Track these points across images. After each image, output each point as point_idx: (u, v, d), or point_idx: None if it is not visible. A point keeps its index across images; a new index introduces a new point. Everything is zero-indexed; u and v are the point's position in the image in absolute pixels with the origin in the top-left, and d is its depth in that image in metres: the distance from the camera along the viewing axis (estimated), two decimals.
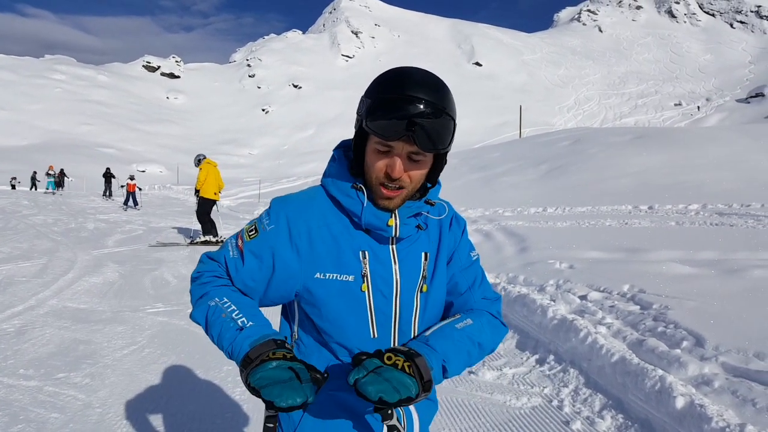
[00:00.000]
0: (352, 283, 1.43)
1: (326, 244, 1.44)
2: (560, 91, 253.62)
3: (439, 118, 1.31)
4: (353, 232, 1.47)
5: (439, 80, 1.39)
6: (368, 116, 1.34)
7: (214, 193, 12.76)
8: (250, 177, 70.73)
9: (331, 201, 1.50)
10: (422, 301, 1.52)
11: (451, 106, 1.36)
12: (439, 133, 1.33)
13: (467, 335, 1.48)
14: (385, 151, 1.36)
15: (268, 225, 1.47)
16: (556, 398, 4.10)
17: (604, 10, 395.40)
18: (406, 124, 1.28)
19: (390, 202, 1.42)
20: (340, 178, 1.48)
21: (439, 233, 1.60)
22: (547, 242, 8.99)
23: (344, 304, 1.43)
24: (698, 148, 19.56)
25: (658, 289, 5.62)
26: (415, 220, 1.49)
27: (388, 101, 1.31)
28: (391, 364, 1.28)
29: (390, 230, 1.44)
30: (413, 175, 1.40)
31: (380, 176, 1.39)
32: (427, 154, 1.39)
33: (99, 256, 10.34)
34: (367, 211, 1.43)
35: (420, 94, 1.30)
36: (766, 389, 3.37)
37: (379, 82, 1.38)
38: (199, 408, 3.96)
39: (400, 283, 1.48)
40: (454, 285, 1.61)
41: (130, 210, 23.51)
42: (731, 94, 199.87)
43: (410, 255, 1.51)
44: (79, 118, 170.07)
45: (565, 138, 29.53)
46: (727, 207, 11.65)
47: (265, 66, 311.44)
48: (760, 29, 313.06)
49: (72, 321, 6.00)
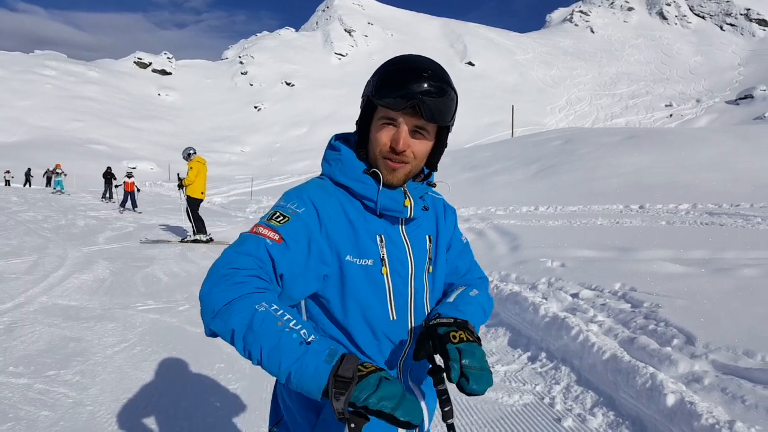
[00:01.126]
0: (372, 267, 1.45)
1: (345, 229, 1.45)
2: (552, 91, 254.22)
3: (442, 93, 1.38)
4: (368, 216, 1.49)
5: (441, 66, 1.45)
6: (376, 91, 1.40)
7: (201, 192, 12.73)
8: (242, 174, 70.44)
9: (340, 188, 1.51)
10: (430, 281, 1.59)
11: (452, 84, 1.43)
12: (442, 108, 1.39)
13: (478, 302, 1.60)
14: (391, 124, 1.41)
15: (297, 209, 1.41)
16: (547, 395, 4.11)
17: (596, 11, 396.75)
18: (413, 96, 1.35)
19: (394, 175, 1.45)
20: (349, 165, 1.50)
21: (436, 219, 1.68)
22: (539, 241, 9.02)
23: (366, 287, 1.45)
24: (689, 149, 19.70)
25: (649, 287, 5.65)
26: (421, 201, 1.55)
27: (397, 75, 1.39)
28: (457, 342, 1.32)
29: (406, 211, 1.49)
30: (417, 151, 1.44)
31: (385, 149, 1.43)
32: (431, 130, 1.45)
33: (89, 253, 10.28)
34: (382, 195, 1.46)
35: (425, 68, 1.39)
36: (755, 386, 3.40)
37: (388, 62, 1.45)
38: (191, 405, 3.95)
39: (414, 264, 1.53)
40: (455, 268, 1.73)
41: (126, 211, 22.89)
42: (721, 96, 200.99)
43: (418, 237, 1.57)
44: (70, 115, 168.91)
45: (557, 138, 29.65)
46: (717, 207, 11.74)
47: (258, 63, 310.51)
48: (749, 32, 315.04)
49: (62, 318, 5.97)
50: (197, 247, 11.70)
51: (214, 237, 12.72)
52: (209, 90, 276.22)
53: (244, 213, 21.88)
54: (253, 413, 3.86)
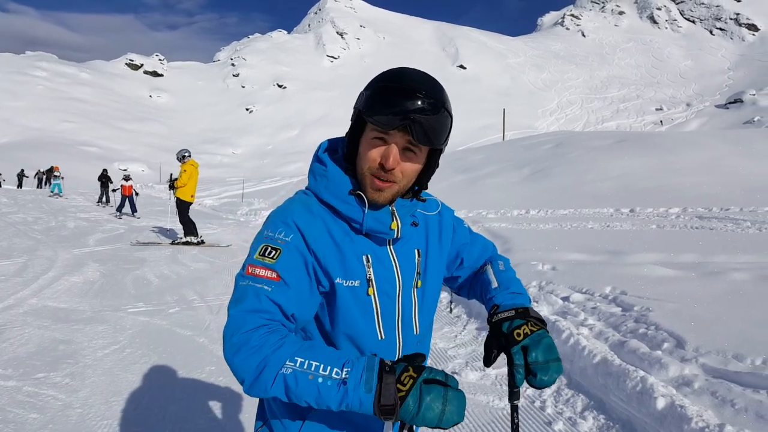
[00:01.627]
0: (358, 288, 1.42)
1: (331, 251, 1.41)
2: (543, 94, 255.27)
3: (436, 114, 1.34)
4: (353, 236, 1.45)
5: (437, 81, 1.41)
6: (368, 107, 1.36)
7: (191, 195, 12.70)
8: (234, 177, 70.29)
9: (326, 207, 1.47)
10: (419, 297, 1.56)
11: (449, 104, 1.39)
12: (436, 128, 1.35)
13: (513, 273, 1.70)
14: (381, 141, 1.37)
15: (285, 237, 1.38)
16: (538, 399, 4.12)
17: (587, 15, 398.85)
18: (405, 116, 1.30)
19: (380, 194, 1.41)
20: (335, 184, 1.45)
21: (426, 233, 1.63)
22: (530, 244, 9.05)
23: (353, 308, 1.42)
24: (679, 153, 19.81)
25: (639, 291, 5.67)
26: (410, 218, 1.51)
27: (389, 92, 1.34)
28: (522, 339, 1.36)
29: (392, 233, 1.46)
30: (406, 171, 1.40)
31: (374, 166, 1.38)
32: (422, 150, 1.40)
33: (80, 255, 10.22)
34: (368, 217, 1.42)
35: (420, 88, 1.33)
36: (745, 390, 3.42)
37: (381, 76, 1.40)
38: (181, 408, 3.93)
39: (402, 282, 1.50)
40: (474, 259, 1.78)
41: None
42: (711, 100, 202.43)
43: (406, 253, 1.54)
44: (61, 116, 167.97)
45: (548, 141, 29.76)
46: (707, 211, 11.80)
47: (250, 65, 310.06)
48: (738, 36, 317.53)
49: (52, 320, 5.93)
50: (188, 249, 11.66)
51: (205, 239, 12.69)
52: (201, 92, 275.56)
53: (235, 215, 21.82)
54: (243, 416, 3.85)
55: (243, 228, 16.79)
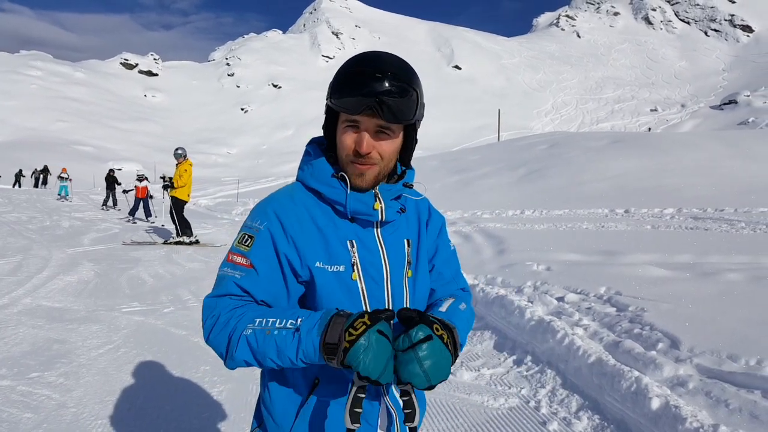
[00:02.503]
0: (343, 273, 1.43)
1: (314, 236, 1.43)
2: (538, 95, 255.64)
3: (402, 94, 1.34)
4: (338, 221, 1.47)
5: (404, 61, 1.42)
6: (334, 93, 1.38)
7: (188, 195, 12.69)
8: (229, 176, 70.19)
9: (312, 193, 1.50)
10: (410, 286, 1.55)
11: (415, 80, 1.40)
12: (402, 107, 1.35)
13: (466, 318, 1.57)
14: (353, 127, 1.39)
15: (260, 225, 1.43)
16: (533, 399, 4.12)
17: (582, 16, 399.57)
18: (369, 97, 1.31)
19: (363, 179, 1.43)
20: (318, 170, 1.48)
21: (418, 223, 1.64)
22: (525, 244, 9.06)
23: (339, 293, 1.43)
24: (674, 154, 19.86)
25: (634, 291, 5.69)
26: (397, 203, 1.51)
27: (353, 76, 1.35)
28: (439, 335, 1.29)
29: (376, 214, 1.46)
30: (383, 151, 1.42)
31: (350, 152, 1.40)
32: (396, 129, 1.42)
33: (74, 254, 10.20)
34: (351, 198, 1.43)
35: (381, 68, 1.35)
36: (739, 390, 3.43)
37: (346, 62, 1.42)
38: (176, 408, 3.92)
39: (390, 268, 1.50)
40: (439, 274, 1.68)
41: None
42: (705, 101, 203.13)
43: (395, 241, 1.54)
44: (55, 115, 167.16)
45: (543, 142, 29.78)
46: (702, 211, 11.83)
47: (245, 65, 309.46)
48: (733, 38, 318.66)
49: (46, 320, 5.92)
50: (182, 249, 11.64)
51: (200, 239, 12.67)
52: (196, 91, 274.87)
53: (230, 215, 21.75)
54: (238, 416, 3.84)
55: (238, 227, 16.65)
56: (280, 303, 1.43)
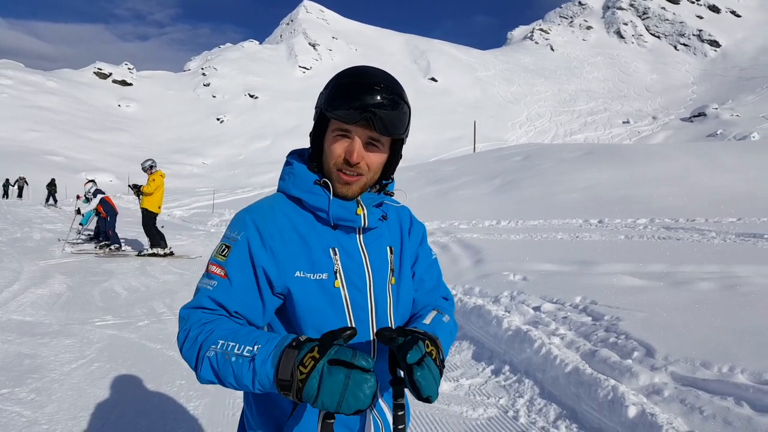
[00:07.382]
0: (326, 280, 1.42)
1: (296, 245, 1.43)
2: (513, 107, 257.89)
3: (395, 107, 1.38)
4: (320, 229, 1.47)
5: (393, 77, 1.46)
6: (329, 103, 1.40)
7: (159, 206, 12.55)
8: (204, 187, 69.51)
9: (293, 202, 1.50)
10: (394, 293, 1.55)
11: (406, 96, 1.44)
12: (395, 121, 1.39)
13: (449, 331, 1.59)
14: (345, 136, 1.40)
15: (237, 236, 1.43)
16: (511, 409, 4.13)
17: (555, 30, 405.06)
18: (366, 109, 1.34)
19: (349, 188, 1.44)
20: (300, 178, 1.48)
21: (400, 230, 1.65)
22: (502, 254, 9.11)
23: (322, 302, 1.42)
24: (645, 165, 20.19)
25: (609, 300, 5.75)
26: (378, 210, 1.52)
27: (349, 87, 1.38)
28: (428, 351, 1.31)
29: (359, 220, 1.46)
30: (371, 163, 1.43)
31: (339, 161, 1.42)
32: (385, 142, 1.44)
33: (46, 266, 10.02)
34: (334, 204, 1.44)
35: (378, 82, 1.39)
36: (713, 397, 3.47)
37: (341, 73, 1.45)
38: (151, 424, 3.86)
39: (372, 276, 1.50)
40: (421, 282, 1.68)
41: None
42: (676, 113, 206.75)
43: (378, 248, 1.54)
44: (26, 125, 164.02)
45: (518, 153, 30.09)
46: (674, 221, 12.03)
47: (221, 75, 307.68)
48: (701, 52, 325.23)
49: (17, 334, 5.79)
50: (156, 261, 11.49)
51: (174, 251, 12.52)
52: (171, 101, 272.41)
53: (205, 226, 21.53)
54: (215, 430, 3.78)
55: (213, 239, 16.59)
56: (256, 314, 1.41)
